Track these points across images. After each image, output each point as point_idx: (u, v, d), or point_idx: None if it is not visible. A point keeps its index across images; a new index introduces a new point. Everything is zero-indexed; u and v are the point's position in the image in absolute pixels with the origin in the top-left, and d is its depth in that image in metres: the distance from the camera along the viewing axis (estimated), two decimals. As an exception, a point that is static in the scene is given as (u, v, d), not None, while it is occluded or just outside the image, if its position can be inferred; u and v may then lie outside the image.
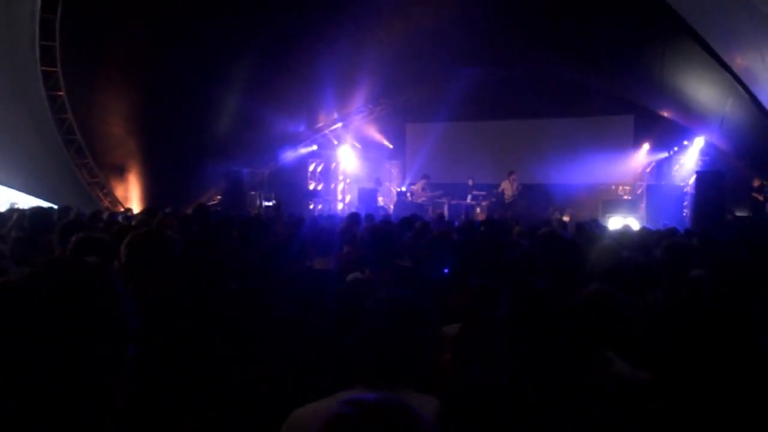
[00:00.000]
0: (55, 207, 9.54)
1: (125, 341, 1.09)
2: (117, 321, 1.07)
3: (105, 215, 9.07)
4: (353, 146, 21.81)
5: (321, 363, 2.51)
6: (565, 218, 15.66)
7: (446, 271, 4.00)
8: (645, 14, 11.16)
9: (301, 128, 19.45)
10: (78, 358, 1.00)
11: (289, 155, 20.20)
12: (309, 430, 0.86)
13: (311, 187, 21.45)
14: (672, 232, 7.53)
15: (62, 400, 0.99)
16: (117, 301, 1.09)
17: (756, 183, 14.38)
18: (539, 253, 3.60)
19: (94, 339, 1.03)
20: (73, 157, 14.05)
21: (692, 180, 16.32)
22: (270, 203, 17.10)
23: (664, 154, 18.52)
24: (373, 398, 0.83)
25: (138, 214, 8.63)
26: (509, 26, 15.11)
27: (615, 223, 14.25)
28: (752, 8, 8.19)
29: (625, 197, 18.44)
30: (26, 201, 13.50)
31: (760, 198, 14.12)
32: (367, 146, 22.11)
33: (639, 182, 19.08)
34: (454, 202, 18.44)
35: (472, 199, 18.26)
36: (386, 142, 22.28)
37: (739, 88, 10.83)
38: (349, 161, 22.05)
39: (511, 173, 17.62)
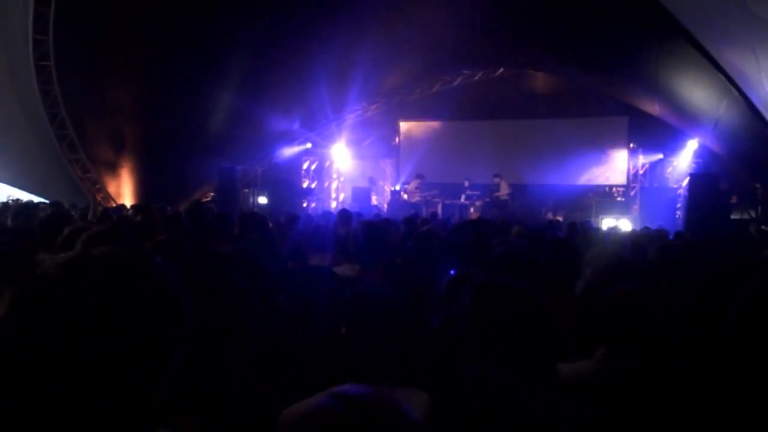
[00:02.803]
0: (47, 202, 9.50)
1: (172, 346, 1.03)
2: (172, 323, 1.02)
3: (99, 210, 9.01)
4: (347, 144, 21.77)
5: (317, 360, 2.49)
6: (558, 219, 15.71)
7: (452, 272, 4.00)
8: (640, 16, 11.17)
9: (295, 126, 19.40)
10: (128, 358, 0.95)
11: (283, 153, 20.17)
12: (295, 426, 0.84)
13: (305, 185, 21.43)
14: (661, 234, 7.52)
15: (107, 402, 0.94)
16: (175, 303, 1.03)
17: (733, 200, 14.39)
18: (529, 252, 3.60)
19: (147, 339, 0.97)
20: (65, 153, 13.99)
21: (686, 182, 16.37)
22: (263, 201, 17.07)
23: (658, 156, 18.58)
24: (358, 391, 0.82)
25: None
26: (504, 27, 15.11)
27: (608, 224, 14.30)
28: (746, 11, 8.21)
29: (619, 199, 18.48)
30: (20, 196, 13.44)
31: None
32: (361, 144, 22.08)
33: (632, 184, 19.13)
34: (447, 201, 18.44)
35: (466, 199, 18.27)
36: (380, 141, 22.25)
37: (733, 90, 10.85)
38: (343, 159, 22.03)
39: (496, 175, 17.62)
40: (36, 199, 12.68)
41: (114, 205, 13.29)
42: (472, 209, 18.03)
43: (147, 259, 1.05)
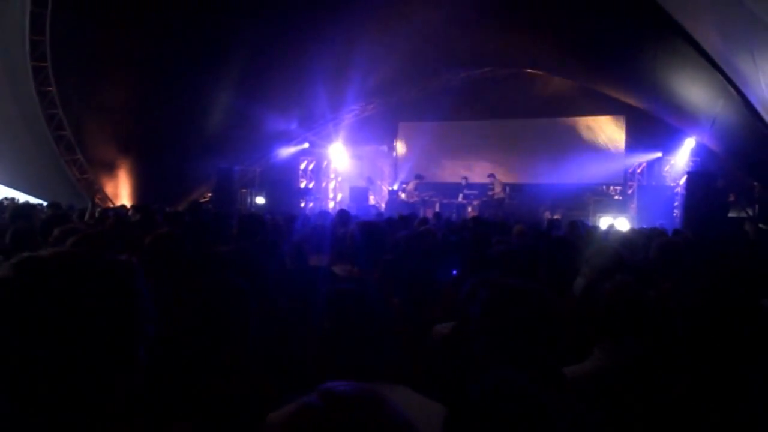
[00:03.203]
0: (43, 203, 9.49)
1: (137, 342, 1.05)
2: (130, 320, 1.03)
3: (97, 211, 9.00)
4: (345, 144, 21.76)
5: (314, 360, 2.48)
6: (556, 218, 15.70)
7: (454, 272, 4.00)
8: (637, 15, 11.17)
9: (293, 126, 19.39)
10: (82, 356, 0.96)
11: (281, 153, 20.15)
12: (279, 425, 0.84)
13: (303, 185, 21.41)
14: (659, 233, 7.51)
15: (64, 398, 0.96)
16: (132, 300, 1.04)
17: (731, 198, 14.40)
18: (529, 251, 3.59)
19: (101, 337, 0.99)
20: (63, 154, 13.96)
21: (683, 180, 16.38)
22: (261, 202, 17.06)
23: (656, 155, 18.58)
24: (343, 388, 0.81)
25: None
26: (502, 27, 15.11)
27: (606, 222, 14.30)
28: (744, 9, 8.22)
29: (616, 197, 18.49)
30: (17, 197, 13.42)
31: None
32: (359, 144, 22.07)
33: (630, 182, 19.14)
34: (445, 201, 18.45)
35: (464, 198, 18.28)
36: (378, 141, 22.23)
37: (731, 89, 10.86)
38: (341, 159, 22.01)
39: (489, 175, 17.65)
40: (33, 200, 12.66)
41: (112, 205, 13.27)
42: (469, 208, 18.04)
43: (102, 258, 1.06)
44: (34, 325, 0.94)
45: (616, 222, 13.98)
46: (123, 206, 12.53)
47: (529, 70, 19.17)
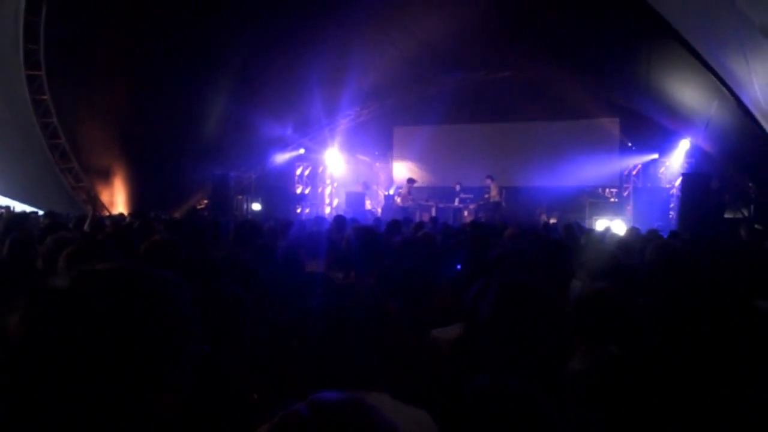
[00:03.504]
0: (38, 212, 9.46)
1: (185, 361, 1.06)
2: (179, 338, 1.04)
3: (96, 219, 8.96)
4: (341, 150, 21.76)
5: (308, 367, 2.47)
6: (552, 221, 15.73)
7: (459, 267, 4.00)
8: (631, 18, 11.21)
9: (289, 131, 19.38)
10: (131, 372, 0.97)
11: (277, 159, 20.14)
12: None
13: (298, 190, 21.39)
14: (654, 235, 7.52)
15: (113, 416, 0.96)
16: (181, 318, 1.05)
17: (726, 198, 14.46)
18: (524, 254, 3.60)
19: (151, 353, 0.99)
20: (58, 162, 13.93)
21: (678, 182, 16.42)
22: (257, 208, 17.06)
23: (651, 157, 18.64)
24: (330, 397, 0.81)
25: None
26: (496, 31, 15.13)
27: (602, 225, 14.32)
28: (736, 12, 8.25)
29: (612, 200, 18.54)
30: (11, 206, 13.37)
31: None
32: (354, 150, 22.08)
33: (625, 184, 19.18)
34: (441, 205, 18.47)
35: (460, 202, 18.29)
36: (374, 146, 22.25)
37: (724, 90, 10.90)
38: (337, 165, 22.00)
39: (488, 176, 17.67)
40: (28, 208, 12.63)
41: (108, 213, 13.24)
42: (465, 212, 18.05)
43: (153, 275, 1.07)
44: (86, 338, 0.95)
45: (612, 225, 14.01)
46: (121, 215, 12.51)
47: (524, 74, 19.21)
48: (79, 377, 0.93)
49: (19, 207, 13.37)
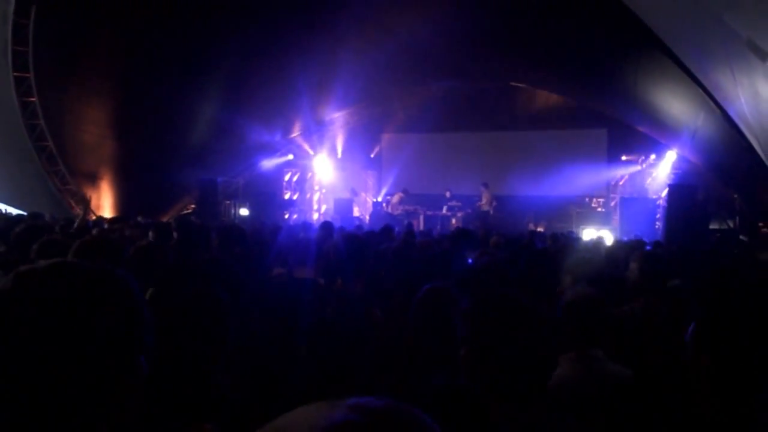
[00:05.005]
0: (25, 214, 9.38)
1: (137, 352, 1.05)
2: (130, 329, 1.03)
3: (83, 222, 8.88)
4: (329, 156, 21.77)
5: (296, 373, 2.47)
6: (540, 230, 15.80)
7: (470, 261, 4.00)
8: (619, 30, 11.31)
9: (277, 137, 19.38)
10: (81, 368, 0.96)
11: (265, 164, 20.12)
12: None
13: (287, 196, 21.35)
14: (639, 244, 7.55)
15: (64, 411, 0.95)
16: (131, 309, 1.04)
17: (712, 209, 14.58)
18: (510, 263, 3.61)
19: (101, 347, 0.98)
20: (45, 165, 13.83)
21: (665, 193, 16.53)
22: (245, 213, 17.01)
23: (637, 167, 18.77)
24: (377, 403, 0.79)
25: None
26: (486, 41, 15.24)
27: (589, 234, 14.38)
28: (722, 25, 8.34)
29: (599, 209, 18.63)
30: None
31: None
32: (342, 156, 22.10)
33: (612, 195, 19.30)
34: (429, 213, 18.49)
35: (448, 210, 18.32)
36: (362, 152, 22.27)
37: (711, 102, 11.01)
38: (325, 171, 21.99)
39: (483, 184, 17.73)
40: (14, 211, 12.53)
41: (95, 217, 13.15)
42: (453, 220, 18.07)
43: (100, 268, 1.06)
44: (32, 337, 0.94)
45: (600, 234, 14.08)
46: (101, 218, 12.39)
47: (512, 84, 19.33)
48: (22, 378, 0.93)
49: (4, 209, 13.27)
